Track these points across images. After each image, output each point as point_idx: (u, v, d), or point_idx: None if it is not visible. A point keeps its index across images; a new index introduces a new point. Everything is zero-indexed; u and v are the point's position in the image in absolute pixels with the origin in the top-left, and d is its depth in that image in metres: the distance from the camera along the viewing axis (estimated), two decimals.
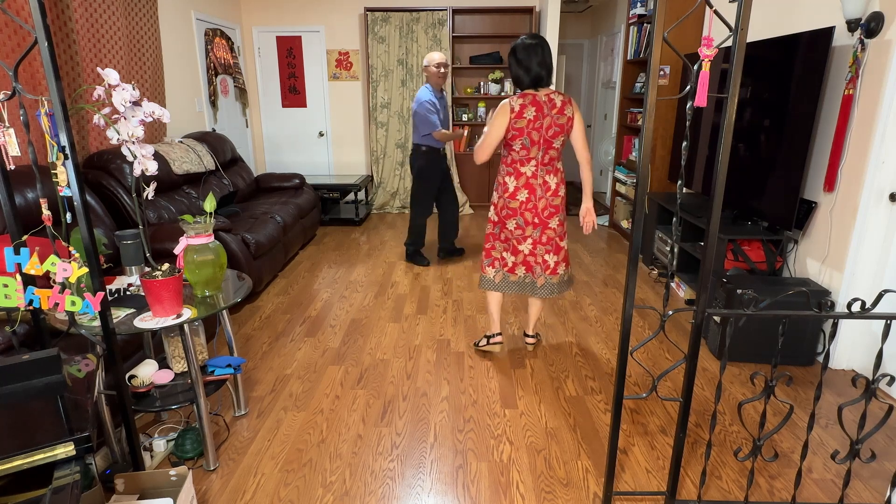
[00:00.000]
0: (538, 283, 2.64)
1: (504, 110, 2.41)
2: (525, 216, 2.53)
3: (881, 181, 2.46)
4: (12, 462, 1.07)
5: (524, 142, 2.43)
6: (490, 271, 2.69)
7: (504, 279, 2.68)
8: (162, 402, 1.97)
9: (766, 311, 1.54)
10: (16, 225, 1.58)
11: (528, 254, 2.60)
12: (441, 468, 2.00)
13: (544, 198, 2.52)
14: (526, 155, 2.46)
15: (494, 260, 2.68)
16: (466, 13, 6.04)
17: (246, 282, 2.18)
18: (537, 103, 2.40)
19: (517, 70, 2.44)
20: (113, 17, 3.48)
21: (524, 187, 2.50)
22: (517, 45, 2.44)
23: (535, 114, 2.40)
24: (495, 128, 2.43)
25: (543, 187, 2.51)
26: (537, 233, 2.56)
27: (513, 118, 2.40)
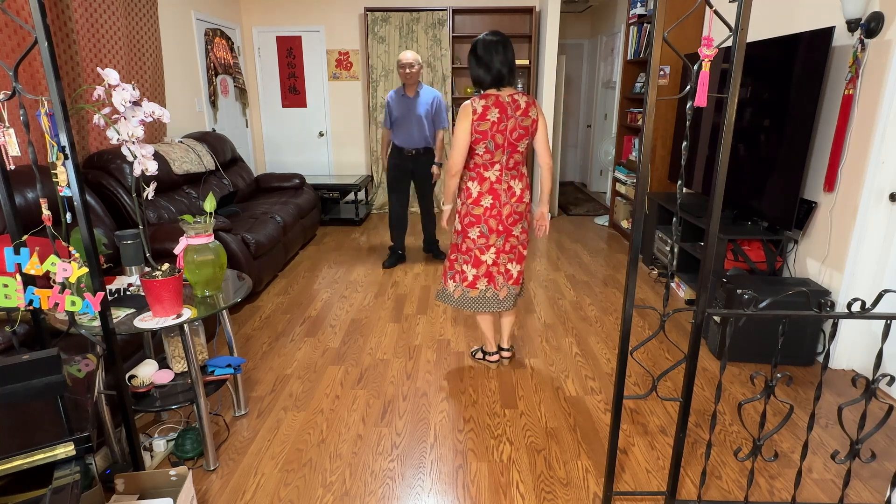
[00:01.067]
0: (500, 295, 2.53)
1: (466, 112, 2.28)
2: (489, 223, 2.41)
3: (881, 181, 2.46)
4: (12, 462, 1.07)
5: (488, 145, 2.31)
6: (451, 284, 2.57)
7: (463, 295, 2.54)
8: (162, 402, 1.97)
9: (766, 311, 1.54)
10: (16, 225, 1.58)
11: (490, 264, 2.48)
12: (441, 468, 2.00)
13: (508, 204, 2.40)
14: (490, 159, 2.34)
15: (455, 273, 2.55)
16: (466, 13, 6.03)
17: (246, 282, 2.18)
18: (500, 104, 2.28)
19: (477, 70, 2.33)
20: (113, 17, 3.48)
21: (488, 192, 2.38)
22: (477, 41, 2.32)
23: (499, 115, 2.27)
24: (460, 132, 2.30)
25: (508, 193, 2.39)
26: (501, 241, 2.44)
27: (475, 120, 2.27)
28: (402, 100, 3.93)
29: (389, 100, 3.97)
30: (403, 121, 3.92)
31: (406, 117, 3.92)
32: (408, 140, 3.98)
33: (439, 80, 5.93)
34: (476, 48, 2.33)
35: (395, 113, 3.95)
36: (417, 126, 3.94)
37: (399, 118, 3.94)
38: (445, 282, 2.61)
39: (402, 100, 3.93)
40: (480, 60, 2.31)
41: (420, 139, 3.99)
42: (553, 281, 3.96)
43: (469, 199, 2.42)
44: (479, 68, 2.33)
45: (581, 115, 8.14)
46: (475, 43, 2.34)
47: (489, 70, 2.30)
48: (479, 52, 2.31)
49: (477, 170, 2.39)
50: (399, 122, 3.94)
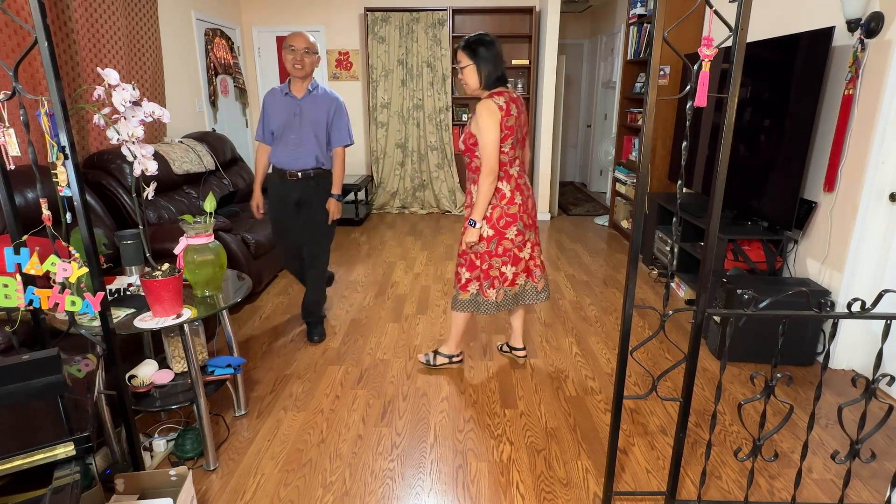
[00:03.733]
0: (539, 286, 2.56)
1: (492, 110, 2.24)
2: (523, 219, 2.42)
3: (881, 181, 2.46)
4: (12, 462, 1.07)
5: (513, 141, 2.33)
6: (492, 293, 2.48)
7: (505, 296, 2.51)
8: (162, 402, 1.97)
9: (766, 311, 1.54)
10: (16, 225, 1.58)
11: (528, 259, 2.51)
12: (441, 468, 2.00)
13: (530, 197, 2.46)
14: (513, 156, 2.35)
15: (494, 279, 2.47)
16: (466, 13, 6.03)
17: (246, 282, 2.18)
18: (515, 100, 2.31)
19: (490, 64, 2.27)
20: (113, 17, 3.48)
21: (516, 189, 2.39)
22: (490, 38, 2.28)
23: (517, 111, 2.30)
24: (491, 132, 2.24)
25: (527, 187, 2.45)
26: (533, 235, 2.51)
27: (503, 117, 2.25)
28: (285, 102, 2.74)
29: (267, 101, 2.79)
30: (287, 132, 2.75)
31: (291, 127, 2.75)
32: (293, 159, 2.78)
33: (439, 81, 5.93)
34: (495, 44, 2.28)
35: (276, 120, 2.76)
36: (307, 140, 2.77)
37: (281, 128, 2.76)
38: (485, 293, 2.49)
39: (285, 102, 2.74)
40: (498, 56, 2.29)
41: (309, 158, 2.78)
42: (553, 281, 3.96)
43: (503, 201, 2.38)
44: (491, 63, 2.28)
45: (581, 115, 8.14)
46: (490, 39, 2.28)
47: (498, 67, 2.31)
48: (497, 48, 2.29)
49: (504, 168, 2.36)
50: (281, 133, 2.77)
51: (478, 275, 2.48)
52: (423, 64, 5.91)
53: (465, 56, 2.30)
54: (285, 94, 2.75)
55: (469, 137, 2.34)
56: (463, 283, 2.50)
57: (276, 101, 2.77)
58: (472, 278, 2.49)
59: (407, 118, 6.09)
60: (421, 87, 5.98)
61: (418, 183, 6.27)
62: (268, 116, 2.80)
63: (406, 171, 6.24)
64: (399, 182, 6.26)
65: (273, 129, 2.78)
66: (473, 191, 2.41)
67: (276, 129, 2.78)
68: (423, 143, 6.15)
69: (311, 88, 2.76)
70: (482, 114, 2.25)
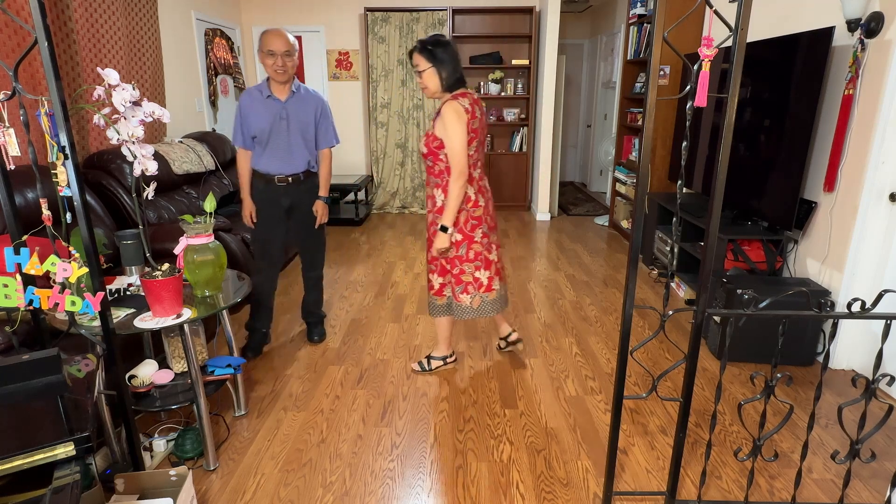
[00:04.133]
0: (504, 290, 2.58)
1: (460, 113, 2.20)
2: (487, 221, 2.43)
3: (881, 181, 2.46)
4: (12, 462, 1.07)
5: (477, 143, 2.31)
6: (465, 298, 2.46)
7: (483, 302, 2.49)
8: (162, 402, 1.97)
9: (766, 311, 1.54)
10: (16, 225, 1.58)
11: (496, 261, 2.50)
12: (441, 468, 2.00)
13: (490, 199, 2.47)
14: (476, 158, 2.35)
15: (468, 284, 2.45)
16: (466, 13, 6.03)
17: (246, 282, 2.18)
18: (476, 101, 2.29)
19: (450, 66, 2.23)
20: (113, 17, 3.48)
21: (479, 192, 2.38)
22: (446, 39, 2.25)
23: (480, 113, 2.29)
24: (460, 135, 2.20)
25: (487, 189, 2.45)
26: (496, 237, 2.50)
27: (469, 119, 2.22)
28: (268, 105, 2.58)
29: (245, 105, 2.59)
30: (273, 137, 2.62)
31: (277, 132, 2.61)
32: (282, 165, 2.65)
33: None
34: (450, 44, 2.25)
35: (258, 125, 2.58)
36: (296, 144, 2.66)
37: (266, 133, 2.60)
38: (458, 297, 2.48)
39: (268, 105, 2.58)
40: (455, 57, 2.26)
41: (300, 162, 2.68)
42: (553, 281, 3.96)
43: (469, 204, 2.37)
44: (450, 64, 2.24)
45: (581, 115, 8.14)
46: (445, 41, 2.25)
47: (457, 68, 2.27)
48: (454, 48, 2.26)
49: (469, 171, 2.33)
50: (266, 138, 2.61)
51: (449, 280, 2.48)
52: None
53: (423, 59, 2.24)
54: (267, 96, 2.58)
55: (433, 140, 2.27)
56: (437, 289, 2.50)
57: (256, 105, 2.58)
58: (445, 283, 2.49)
59: (407, 118, 6.09)
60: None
61: (418, 183, 6.27)
62: (247, 120, 2.60)
63: (406, 171, 6.24)
64: (399, 182, 6.26)
65: (255, 133, 2.60)
66: (436, 195, 2.37)
67: (259, 134, 2.60)
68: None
69: (295, 89, 2.62)
70: (450, 116, 2.20)
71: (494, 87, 6.12)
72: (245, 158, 2.69)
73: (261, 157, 2.66)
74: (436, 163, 2.32)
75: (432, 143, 2.28)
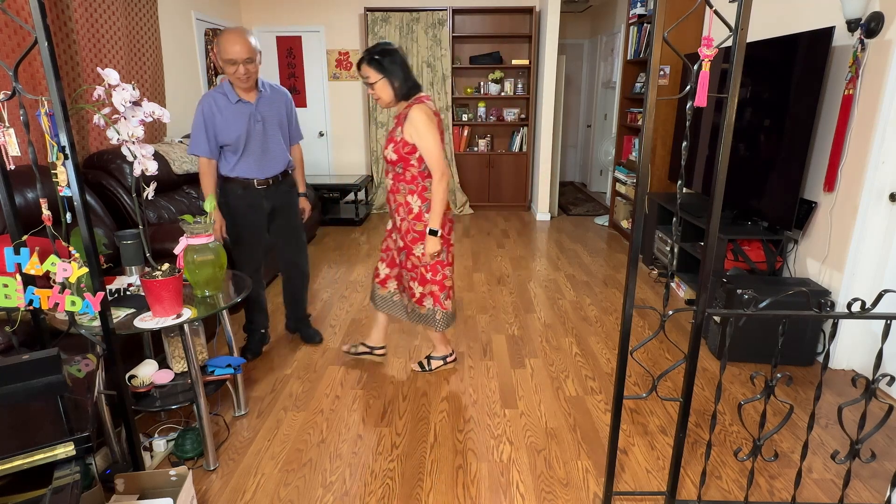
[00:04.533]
0: None
1: (430, 115, 2.19)
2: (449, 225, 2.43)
3: (881, 181, 2.46)
4: (12, 462, 1.07)
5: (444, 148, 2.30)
6: (449, 305, 2.48)
7: (453, 308, 2.52)
8: (162, 402, 1.97)
9: (766, 311, 1.54)
10: (16, 225, 1.58)
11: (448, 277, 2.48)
12: (441, 468, 2.00)
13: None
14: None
15: (450, 289, 2.47)
16: (466, 13, 6.04)
17: (246, 282, 2.18)
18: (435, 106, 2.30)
19: (401, 73, 2.21)
20: (113, 17, 3.48)
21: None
22: (392, 46, 2.22)
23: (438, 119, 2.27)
24: (434, 135, 2.19)
25: None
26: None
27: (437, 122, 2.22)
28: (238, 110, 2.41)
29: (209, 112, 2.38)
30: (250, 142, 2.46)
31: (253, 136, 2.46)
32: (262, 169, 2.52)
33: (439, 81, 5.93)
34: (397, 51, 2.21)
35: (230, 132, 2.40)
36: (275, 146, 2.54)
37: (241, 139, 2.43)
38: (443, 305, 2.46)
39: (238, 110, 2.41)
40: (405, 63, 2.23)
41: (280, 164, 2.58)
42: (553, 281, 3.96)
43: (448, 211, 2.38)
44: (401, 71, 2.22)
45: (581, 115, 8.14)
46: (389, 48, 2.21)
47: (409, 74, 2.24)
48: (402, 54, 2.23)
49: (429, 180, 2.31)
50: (241, 145, 2.44)
51: (430, 289, 2.43)
52: (423, 64, 5.91)
53: (373, 70, 2.20)
54: (236, 101, 2.40)
55: (404, 145, 2.23)
56: (418, 298, 2.47)
57: (224, 112, 2.39)
58: (426, 293, 2.44)
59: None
60: None
61: None
62: (215, 128, 2.39)
63: None
64: None
65: (229, 141, 2.42)
66: (412, 201, 2.31)
67: (232, 142, 2.42)
68: None
69: (262, 88, 2.48)
70: (420, 120, 2.17)
71: (494, 87, 6.12)
72: (209, 169, 2.46)
73: (235, 164, 2.48)
74: (407, 168, 2.27)
75: (403, 149, 2.23)
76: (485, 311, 3.42)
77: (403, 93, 2.24)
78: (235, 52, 2.26)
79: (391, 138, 2.28)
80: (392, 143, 2.27)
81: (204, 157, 2.44)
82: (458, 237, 5.19)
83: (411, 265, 2.42)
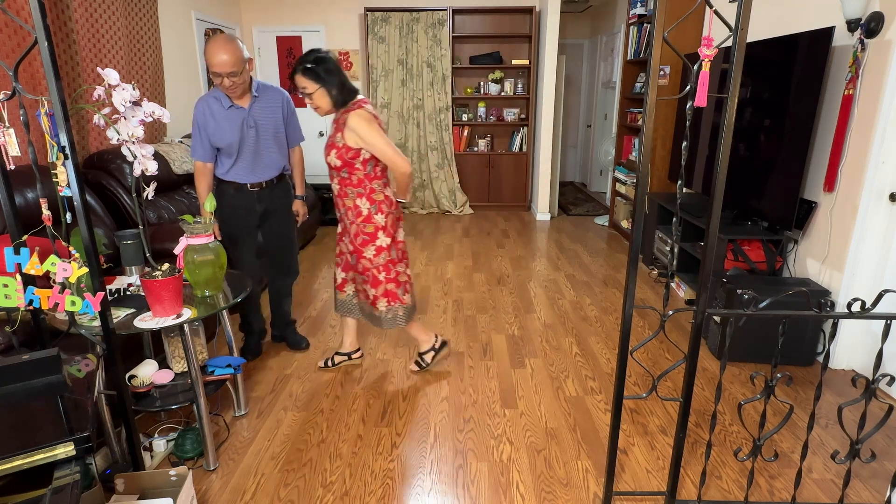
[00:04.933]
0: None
1: (369, 118, 2.19)
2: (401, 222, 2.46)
3: (881, 181, 2.46)
4: (12, 462, 1.07)
5: None
6: (408, 298, 2.49)
7: (412, 300, 2.52)
8: (162, 402, 1.97)
9: (766, 311, 1.54)
10: (16, 225, 1.58)
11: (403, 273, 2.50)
12: (441, 468, 2.00)
13: None
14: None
15: (405, 283, 2.48)
16: (466, 13, 6.04)
17: (246, 282, 2.18)
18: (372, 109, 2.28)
19: (337, 81, 2.18)
20: (113, 17, 3.48)
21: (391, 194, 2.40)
22: (324, 53, 2.18)
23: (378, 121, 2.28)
24: (380, 134, 2.20)
25: None
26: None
27: (378, 123, 2.22)
28: (231, 115, 2.38)
29: (203, 117, 2.37)
30: (243, 147, 2.44)
31: (246, 142, 2.44)
32: (255, 173, 2.51)
33: (439, 81, 5.93)
34: (329, 58, 2.18)
35: (224, 137, 2.39)
36: (268, 151, 2.51)
37: (234, 145, 2.42)
38: (402, 300, 2.46)
39: (231, 115, 2.38)
40: (339, 69, 2.20)
41: (274, 169, 2.56)
42: (553, 281, 3.96)
43: (392, 206, 2.37)
44: (337, 78, 2.18)
45: (581, 115, 8.14)
46: (321, 56, 2.16)
47: (345, 80, 2.22)
48: (334, 60, 2.20)
49: (385, 173, 2.34)
50: (235, 150, 2.43)
51: (385, 289, 2.43)
52: (423, 64, 5.91)
53: (309, 80, 2.16)
54: (229, 106, 2.37)
55: (346, 151, 2.21)
56: (372, 300, 2.46)
57: (217, 116, 2.37)
58: (380, 295, 2.44)
59: (407, 118, 6.09)
60: (421, 87, 5.98)
61: (418, 183, 6.27)
62: (210, 133, 2.38)
63: None
64: None
65: (222, 146, 2.41)
66: (360, 204, 2.31)
67: (226, 147, 2.41)
68: (423, 143, 6.15)
69: (255, 92, 2.42)
70: (360, 126, 2.17)
71: (494, 87, 6.12)
72: (204, 174, 2.46)
73: (229, 168, 2.48)
74: (352, 173, 2.26)
75: (346, 155, 2.22)
76: (485, 311, 3.42)
77: (341, 100, 2.22)
78: (216, 64, 2.22)
79: (332, 144, 2.25)
80: (335, 150, 2.24)
81: (197, 161, 2.44)
82: (458, 237, 5.19)
83: (362, 268, 2.41)
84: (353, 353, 2.75)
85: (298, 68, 2.16)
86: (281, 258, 2.76)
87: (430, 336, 2.67)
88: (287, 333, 2.95)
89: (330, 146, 2.27)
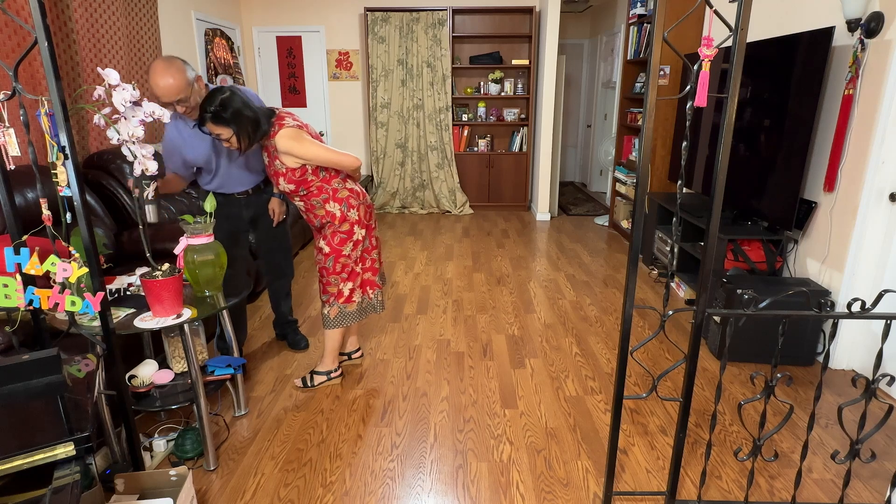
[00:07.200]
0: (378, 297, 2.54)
1: (296, 134, 2.14)
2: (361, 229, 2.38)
3: (881, 181, 2.46)
4: (12, 462, 1.07)
5: None
6: (358, 296, 2.43)
7: (360, 304, 2.45)
8: (162, 402, 1.97)
9: (766, 311, 1.54)
10: (16, 225, 1.58)
11: (363, 272, 2.47)
12: (441, 468, 2.00)
13: (364, 204, 2.39)
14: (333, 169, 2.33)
15: (332, 296, 2.40)
16: (466, 13, 6.04)
17: (246, 282, 2.18)
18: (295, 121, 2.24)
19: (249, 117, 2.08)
20: (113, 17, 3.48)
21: (348, 207, 2.33)
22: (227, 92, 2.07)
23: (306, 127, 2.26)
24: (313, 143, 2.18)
25: (360, 193, 2.39)
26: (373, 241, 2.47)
27: (305, 130, 2.20)
28: (196, 133, 2.28)
29: (173, 140, 2.31)
30: (219, 160, 2.41)
31: (221, 153, 2.38)
32: (238, 182, 2.50)
33: (439, 81, 5.93)
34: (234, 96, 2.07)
35: (197, 158, 2.35)
36: (245, 157, 2.43)
37: (210, 161, 2.38)
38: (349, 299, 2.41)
39: (196, 133, 2.28)
40: (246, 103, 2.09)
41: (257, 171, 2.54)
42: (553, 281, 3.96)
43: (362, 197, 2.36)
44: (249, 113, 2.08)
45: (581, 115, 8.14)
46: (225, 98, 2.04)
47: (257, 112, 2.12)
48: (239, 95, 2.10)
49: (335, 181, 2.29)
50: (213, 165, 2.41)
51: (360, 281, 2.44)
52: (423, 64, 5.91)
53: (221, 127, 2.06)
54: (194, 125, 2.25)
55: (293, 173, 2.18)
56: (347, 296, 2.41)
57: (186, 136, 2.31)
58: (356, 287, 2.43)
59: (407, 118, 6.09)
60: (421, 87, 5.98)
61: (418, 183, 6.27)
62: (184, 154, 2.33)
63: (406, 171, 6.24)
64: (399, 182, 6.26)
65: (201, 164, 2.39)
66: (331, 208, 2.29)
67: (204, 164, 2.39)
68: (423, 143, 6.15)
69: None
70: (292, 145, 2.12)
71: (494, 87, 6.12)
72: (179, 183, 2.45)
73: (210, 181, 2.47)
74: (309, 187, 2.24)
75: (295, 176, 2.19)
76: (485, 311, 3.42)
77: (262, 132, 2.14)
78: (162, 94, 2.09)
79: (276, 173, 2.21)
80: (281, 177, 2.20)
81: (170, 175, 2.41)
82: (458, 237, 5.19)
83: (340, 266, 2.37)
84: (353, 352, 2.75)
85: (206, 116, 2.04)
86: (275, 261, 2.79)
87: (335, 363, 2.57)
88: (287, 332, 2.98)
89: (275, 175, 2.22)
